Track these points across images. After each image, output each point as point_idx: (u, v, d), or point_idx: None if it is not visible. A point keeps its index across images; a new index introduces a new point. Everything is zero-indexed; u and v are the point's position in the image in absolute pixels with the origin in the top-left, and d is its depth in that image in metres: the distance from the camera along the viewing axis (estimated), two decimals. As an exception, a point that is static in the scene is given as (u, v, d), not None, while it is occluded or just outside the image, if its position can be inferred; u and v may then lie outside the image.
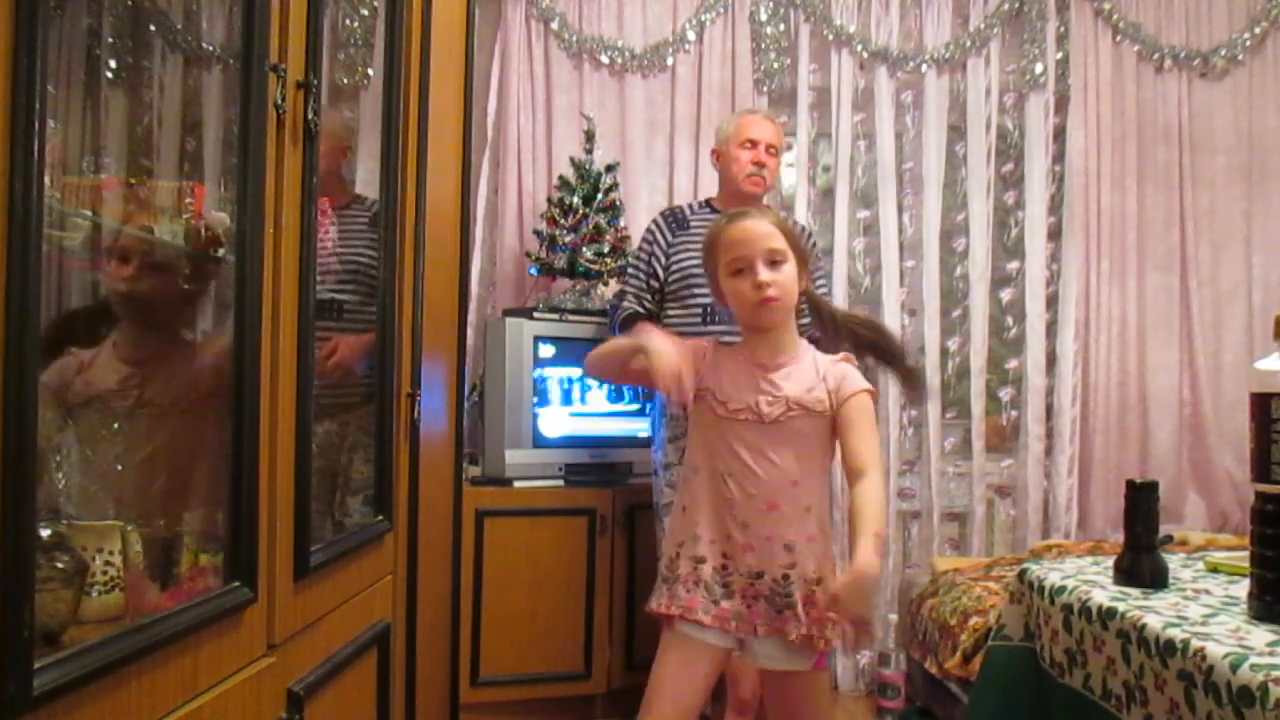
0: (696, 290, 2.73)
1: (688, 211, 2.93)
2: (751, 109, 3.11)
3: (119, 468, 1.29)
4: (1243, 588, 1.44)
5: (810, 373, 1.80)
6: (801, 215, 3.55)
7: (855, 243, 3.63)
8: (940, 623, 2.79)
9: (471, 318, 3.11)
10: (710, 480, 1.79)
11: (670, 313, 2.82)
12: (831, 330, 1.90)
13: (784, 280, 1.77)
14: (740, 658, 1.83)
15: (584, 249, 3.19)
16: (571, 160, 3.28)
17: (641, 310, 2.80)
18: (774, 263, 1.76)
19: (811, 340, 1.90)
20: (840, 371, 1.81)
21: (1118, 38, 3.66)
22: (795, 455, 1.77)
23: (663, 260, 2.83)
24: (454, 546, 2.46)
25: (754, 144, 2.83)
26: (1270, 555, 1.34)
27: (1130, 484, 1.64)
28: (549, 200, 3.30)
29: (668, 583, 1.80)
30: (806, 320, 1.98)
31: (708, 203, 2.97)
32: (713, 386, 1.81)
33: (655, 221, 2.93)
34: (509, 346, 2.98)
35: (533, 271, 3.29)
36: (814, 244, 3.04)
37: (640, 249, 2.89)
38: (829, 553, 1.81)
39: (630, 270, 2.89)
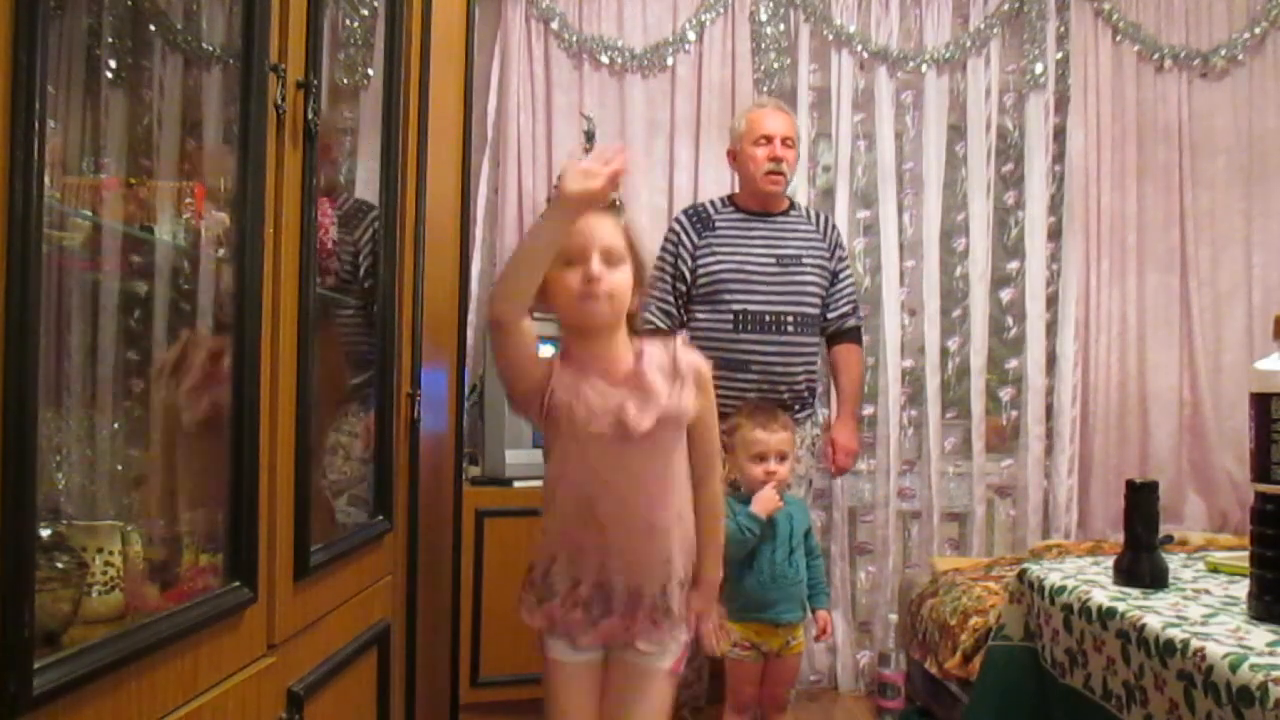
0: (727, 295, 2.68)
1: (711, 210, 2.88)
2: (760, 102, 3.07)
3: (119, 468, 1.29)
4: (1243, 588, 1.44)
5: (659, 373, 1.65)
6: (801, 215, 3.55)
7: (855, 243, 3.63)
8: (940, 623, 2.79)
9: (471, 318, 3.10)
10: (578, 502, 1.68)
11: (699, 317, 2.77)
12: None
13: (618, 282, 1.62)
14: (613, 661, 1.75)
15: (584, 249, 3.18)
16: (572, 160, 3.28)
17: (663, 326, 2.71)
18: (610, 263, 1.62)
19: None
20: (690, 361, 1.68)
21: (1118, 38, 3.66)
22: (664, 464, 1.68)
23: (689, 262, 2.79)
24: (454, 546, 2.46)
25: (769, 139, 2.79)
26: (1270, 555, 1.34)
27: (1130, 484, 1.64)
28: (549, 200, 3.30)
29: (542, 599, 1.72)
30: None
31: (730, 200, 2.93)
32: (566, 400, 1.64)
33: (679, 221, 2.88)
34: (509, 346, 2.97)
35: (533, 271, 3.29)
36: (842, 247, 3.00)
37: (664, 251, 2.83)
38: (693, 538, 1.77)
39: (655, 274, 2.73)
